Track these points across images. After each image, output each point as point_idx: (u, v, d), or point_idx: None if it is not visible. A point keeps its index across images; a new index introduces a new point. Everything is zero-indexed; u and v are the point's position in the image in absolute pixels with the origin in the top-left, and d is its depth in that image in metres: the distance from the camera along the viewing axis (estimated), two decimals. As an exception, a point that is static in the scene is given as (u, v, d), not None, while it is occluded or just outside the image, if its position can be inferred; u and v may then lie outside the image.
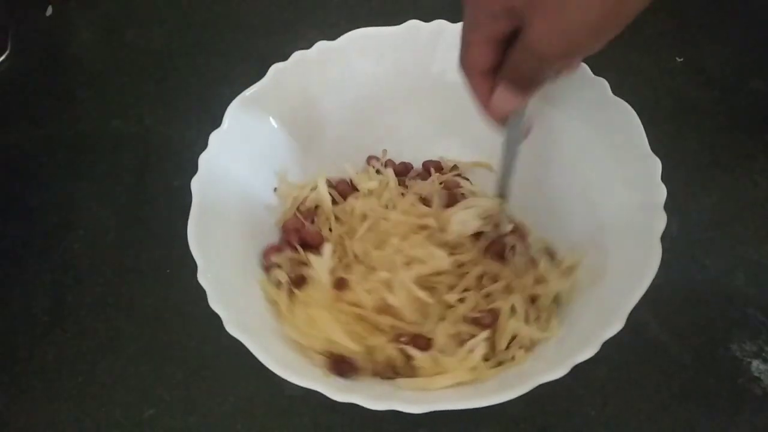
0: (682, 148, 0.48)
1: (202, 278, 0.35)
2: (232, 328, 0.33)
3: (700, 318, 0.41)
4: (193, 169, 0.39)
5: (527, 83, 0.33)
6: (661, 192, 0.35)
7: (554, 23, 0.28)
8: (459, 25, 0.44)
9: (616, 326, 0.31)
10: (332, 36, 0.43)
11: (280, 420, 0.39)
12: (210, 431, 0.40)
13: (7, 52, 0.58)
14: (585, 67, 0.40)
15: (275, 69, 0.42)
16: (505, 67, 0.33)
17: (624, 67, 0.52)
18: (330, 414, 0.39)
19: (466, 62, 0.34)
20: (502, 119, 0.36)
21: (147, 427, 0.40)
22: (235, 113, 0.41)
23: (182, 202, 0.37)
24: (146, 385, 0.41)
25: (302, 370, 0.34)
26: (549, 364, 0.32)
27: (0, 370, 0.42)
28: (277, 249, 0.41)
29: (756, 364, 0.39)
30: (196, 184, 0.38)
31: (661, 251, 0.33)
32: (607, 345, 0.31)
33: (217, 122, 0.40)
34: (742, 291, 0.42)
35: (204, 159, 0.39)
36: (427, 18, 0.43)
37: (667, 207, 0.35)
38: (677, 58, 0.53)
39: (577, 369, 0.31)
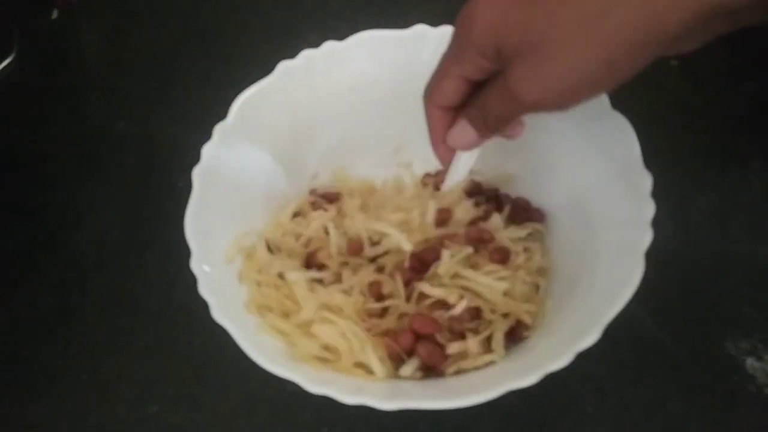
0: (678, 149, 0.48)
1: (195, 265, 0.35)
2: (218, 315, 0.33)
3: (696, 316, 0.41)
4: (197, 169, 0.39)
5: (491, 124, 0.33)
6: (650, 208, 0.35)
7: (540, 73, 0.28)
8: None
9: (591, 338, 0.31)
10: (333, 39, 0.44)
11: (282, 417, 0.40)
12: (213, 428, 0.40)
13: (13, 55, 0.58)
14: None
15: (283, 66, 0.43)
16: (473, 105, 0.33)
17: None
18: (332, 411, 0.39)
19: (434, 92, 0.34)
20: (450, 155, 0.37)
21: (150, 423, 0.40)
22: (241, 107, 0.42)
23: (186, 202, 0.38)
24: (150, 382, 0.42)
25: (282, 360, 0.34)
26: (521, 371, 0.32)
27: (5, 368, 0.43)
28: None
29: (750, 362, 0.40)
30: (197, 173, 0.39)
31: (644, 267, 0.33)
32: (604, 343, 0.31)
33: (221, 124, 0.41)
34: (737, 289, 0.42)
35: (207, 150, 0.40)
36: (427, 23, 0.44)
37: (663, 207, 0.35)
38: (672, 62, 0.54)
39: (574, 366, 0.31)
